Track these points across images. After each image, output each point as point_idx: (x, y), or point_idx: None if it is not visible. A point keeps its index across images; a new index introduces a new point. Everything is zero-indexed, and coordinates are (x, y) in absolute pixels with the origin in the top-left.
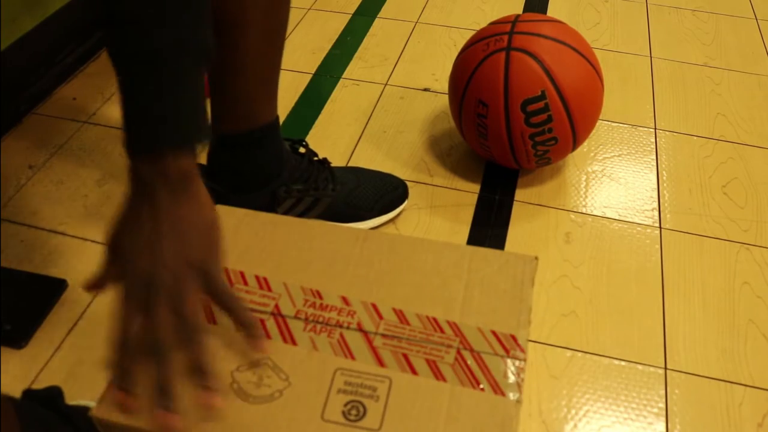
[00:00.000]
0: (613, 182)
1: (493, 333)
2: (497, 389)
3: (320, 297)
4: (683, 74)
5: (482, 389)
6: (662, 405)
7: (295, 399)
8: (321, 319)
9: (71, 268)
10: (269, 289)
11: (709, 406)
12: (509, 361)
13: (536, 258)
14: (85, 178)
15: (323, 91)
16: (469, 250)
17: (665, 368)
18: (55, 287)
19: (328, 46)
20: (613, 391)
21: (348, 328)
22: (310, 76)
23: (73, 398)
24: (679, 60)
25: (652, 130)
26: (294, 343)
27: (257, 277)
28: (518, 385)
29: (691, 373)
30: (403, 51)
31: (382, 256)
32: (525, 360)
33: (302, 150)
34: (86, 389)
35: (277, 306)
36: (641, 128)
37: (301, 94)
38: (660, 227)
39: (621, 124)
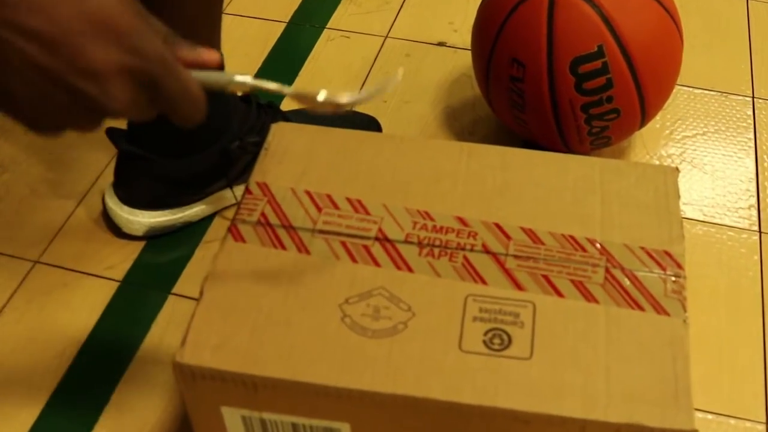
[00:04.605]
0: (695, 170)
1: (644, 249)
2: (659, 309)
3: (431, 218)
4: None
5: (642, 309)
6: None
7: (424, 330)
8: (438, 243)
9: None
10: (367, 212)
11: None
12: (668, 279)
13: (677, 169)
14: None
15: (301, 46)
16: (598, 162)
17: None
18: None
19: None
20: None
21: (472, 250)
22: (284, 25)
23: None
24: None
25: (750, 99)
26: (410, 270)
27: (349, 200)
28: (682, 304)
29: None
30: None
31: (494, 172)
32: (685, 277)
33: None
34: None
35: (380, 230)
36: (734, 96)
37: (272, 50)
38: (759, 231)
39: (706, 91)
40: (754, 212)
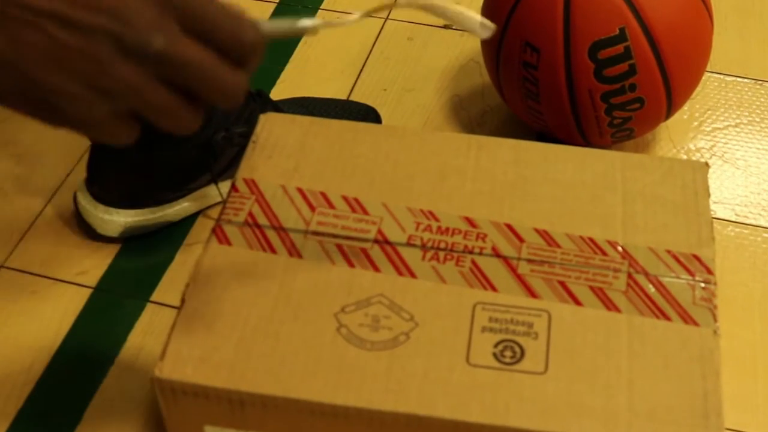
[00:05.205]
0: (727, 165)
1: (670, 253)
2: (687, 318)
3: (436, 219)
4: None
5: (668, 319)
6: None
7: (428, 342)
8: (443, 245)
9: None
10: (365, 212)
11: None
12: (696, 285)
13: (707, 164)
14: None
15: None
16: (619, 157)
17: None
18: None
19: None
20: None
21: (481, 254)
22: (274, 5)
23: None
24: None
25: None
26: (412, 275)
27: (346, 198)
28: (712, 313)
29: None
30: None
31: (506, 168)
32: (715, 283)
33: None
34: None
35: (380, 231)
36: None
37: None
38: None
39: (739, 79)
40: None
